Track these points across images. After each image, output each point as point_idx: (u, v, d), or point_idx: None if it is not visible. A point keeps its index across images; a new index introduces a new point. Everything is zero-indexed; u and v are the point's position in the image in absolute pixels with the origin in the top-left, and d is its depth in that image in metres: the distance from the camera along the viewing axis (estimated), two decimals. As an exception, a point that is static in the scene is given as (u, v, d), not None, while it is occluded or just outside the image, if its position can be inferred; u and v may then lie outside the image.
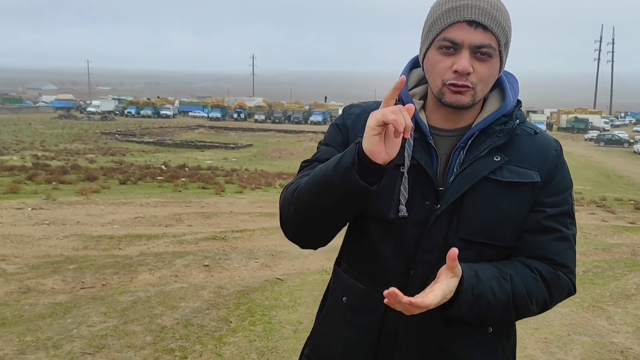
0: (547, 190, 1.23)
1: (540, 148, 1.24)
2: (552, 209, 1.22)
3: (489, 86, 1.21)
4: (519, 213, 1.21)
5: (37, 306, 4.69)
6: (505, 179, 1.19)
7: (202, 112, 76.58)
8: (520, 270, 1.20)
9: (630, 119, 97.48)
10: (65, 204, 10.76)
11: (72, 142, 37.20)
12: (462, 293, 1.11)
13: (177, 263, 6.33)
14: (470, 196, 1.19)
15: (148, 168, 20.59)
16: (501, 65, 1.21)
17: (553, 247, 1.22)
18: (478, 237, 1.20)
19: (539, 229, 1.22)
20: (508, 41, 1.19)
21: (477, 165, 1.19)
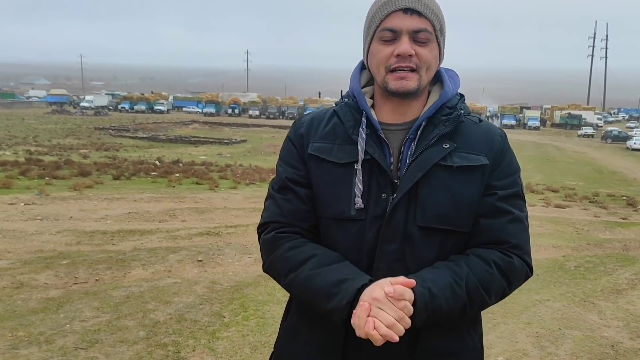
0: (496, 174, 1.28)
1: (486, 135, 1.31)
2: (503, 191, 1.27)
3: (432, 71, 1.28)
4: (472, 197, 1.26)
5: (29, 301, 4.68)
6: (455, 164, 1.24)
7: (196, 107, 76.29)
8: (476, 266, 1.23)
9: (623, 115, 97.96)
10: (58, 199, 10.72)
11: (65, 137, 36.98)
12: (416, 314, 1.14)
13: (170, 258, 6.32)
14: (424, 184, 1.23)
15: (142, 163, 20.52)
16: (440, 52, 1.28)
17: (507, 229, 1.26)
18: (435, 224, 1.23)
19: (492, 212, 1.26)
20: (442, 28, 1.27)
21: (427, 154, 1.24)
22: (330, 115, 1.36)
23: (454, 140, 1.27)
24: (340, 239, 1.29)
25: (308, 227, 1.33)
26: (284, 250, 1.29)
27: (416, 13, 1.21)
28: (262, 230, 1.38)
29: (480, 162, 1.26)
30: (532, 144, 45.31)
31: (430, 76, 1.28)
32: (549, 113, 76.20)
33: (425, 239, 1.24)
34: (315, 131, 1.35)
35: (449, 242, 1.26)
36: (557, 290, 5.67)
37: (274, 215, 1.35)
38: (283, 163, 1.39)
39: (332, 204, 1.28)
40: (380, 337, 1.10)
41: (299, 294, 1.29)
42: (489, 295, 1.23)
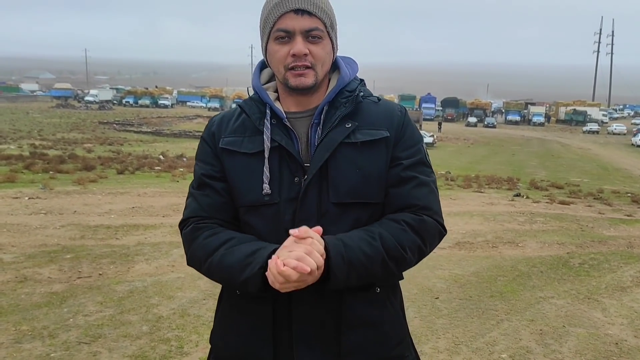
0: (400, 146, 1.37)
1: (385, 112, 1.40)
2: (407, 160, 1.36)
3: (327, 65, 1.36)
4: (379, 169, 1.33)
5: (33, 295, 4.69)
6: (359, 140, 1.32)
7: (200, 102, 76.49)
8: (387, 226, 1.30)
9: (628, 112, 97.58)
10: (63, 193, 10.74)
11: (69, 131, 37.07)
12: (332, 263, 1.20)
13: (174, 253, 6.33)
14: (332, 163, 1.30)
15: (146, 158, 20.54)
16: (333, 46, 1.37)
17: (414, 193, 1.34)
18: (347, 199, 1.31)
19: (399, 181, 1.34)
20: (333, 23, 1.35)
21: (332, 134, 1.32)
22: (239, 112, 1.44)
23: (355, 119, 1.35)
24: (259, 224, 1.35)
25: (227, 218, 1.39)
26: (202, 238, 1.35)
27: (307, 13, 1.28)
28: (182, 226, 1.43)
29: (382, 135, 1.34)
30: (537, 140, 45.16)
31: (326, 69, 1.36)
32: (554, 109, 75.90)
33: (341, 214, 1.31)
34: (226, 127, 1.43)
35: (364, 215, 1.33)
36: (561, 288, 5.65)
37: (194, 211, 1.41)
38: (199, 162, 1.46)
39: (247, 193, 1.35)
40: (290, 272, 1.13)
41: (217, 276, 1.33)
42: (404, 250, 1.28)
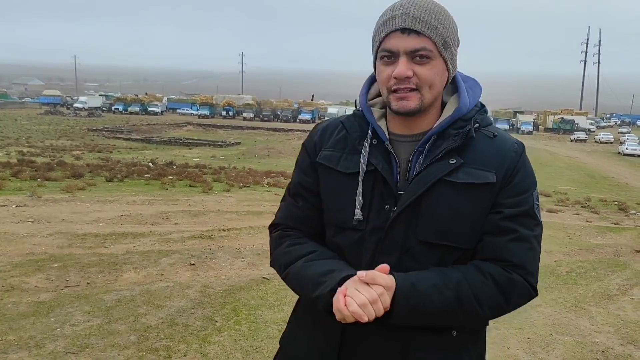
0: (505, 192, 1.24)
1: (498, 150, 1.26)
2: (510, 209, 1.23)
3: (438, 87, 1.25)
4: (477, 214, 1.23)
5: (20, 305, 4.64)
6: (460, 181, 1.22)
7: (190, 109, 76.22)
8: (470, 275, 1.21)
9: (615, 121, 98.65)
10: (51, 201, 10.66)
11: (58, 138, 36.80)
12: (396, 305, 1.17)
13: (163, 262, 6.30)
14: (427, 199, 1.22)
15: (135, 165, 20.44)
16: (447, 66, 1.25)
17: (509, 247, 1.22)
18: (435, 239, 1.22)
19: (496, 230, 1.23)
20: (447, 42, 1.23)
21: (432, 168, 1.23)
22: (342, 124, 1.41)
23: (462, 155, 1.24)
24: (343, 246, 1.32)
25: (315, 230, 1.40)
26: (285, 246, 1.37)
27: (414, 32, 1.20)
28: (272, 229, 1.48)
29: (487, 180, 1.22)
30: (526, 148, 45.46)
31: (436, 92, 1.25)
32: (542, 118, 76.62)
33: (425, 253, 1.23)
34: (328, 139, 1.39)
35: (450, 258, 1.24)
36: (548, 296, 5.69)
37: (284, 218, 1.44)
38: (297, 169, 1.46)
39: (336, 213, 1.32)
40: (349, 314, 1.13)
41: (293, 285, 1.35)
42: (480, 304, 1.20)
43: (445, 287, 1.18)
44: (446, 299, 1.18)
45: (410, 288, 1.17)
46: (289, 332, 1.50)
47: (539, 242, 1.27)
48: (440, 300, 1.17)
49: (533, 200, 1.26)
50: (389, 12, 1.24)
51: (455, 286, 1.18)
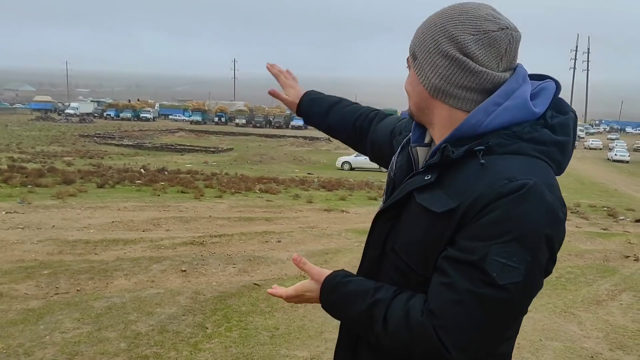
0: (464, 231, 1.04)
1: (476, 181, 1.05)
2: (456, 251, 1.04)
3: (413, 98, 1.22)
4: (429, 242, 1.10)
5: (9, 312, 4.61)
6: (419, 201, 1.12)
7: (182, 115, 76.12)
8: (398, 299, 1.12)
9: (604, 127, 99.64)
10: (41, 207, 10.59)
11: (49, 144, 36.59)
12: (320, 296, 1.24)
13: (153, 268, 6.28)
14: (406, 209, 1.17)
15: (127, 171, 20.36)
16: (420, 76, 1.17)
17: (433, 290, 1.07)
18: (400, 252, 1.17)
19: (437, 267, 1.08)
20: (415, 52, 1.18)
21: (413, 179, 1.18)
22: None
23: (443, 174, 1.11)
24: None
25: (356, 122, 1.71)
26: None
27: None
28: None
29: (435, 209, 1.08)
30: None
31: (415, 102, 1.22)
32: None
33: (396, 263, 1.18)
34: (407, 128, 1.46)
35: (413, 279, 1.15)
36: (538, 301, 5.73)
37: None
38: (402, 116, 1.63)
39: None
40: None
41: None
42: (385, 329, 1.10)
43: (362, 299, 1.15)
44: (358, 309, 1.15)
45: (334, 285, 1.22)
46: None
47: (483, 306, 1.01)
48: (353, 307, 1.17)
49: (488, 254, 1.00)
50: None
51: (372, 302, 1.13)
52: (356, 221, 11.20)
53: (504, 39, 1.09)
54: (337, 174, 26.68)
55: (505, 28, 1.09)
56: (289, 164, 32.90)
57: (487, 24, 1.09)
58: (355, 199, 16.24)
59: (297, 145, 47.55)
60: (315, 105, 1.74)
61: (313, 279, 1.27)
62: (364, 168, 30.44)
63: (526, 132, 1.10)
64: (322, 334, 4.44)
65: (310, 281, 1.28)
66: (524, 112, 1.10)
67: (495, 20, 1.09)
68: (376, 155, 1.65)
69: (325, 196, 16.39)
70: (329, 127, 1.74)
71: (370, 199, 16.20)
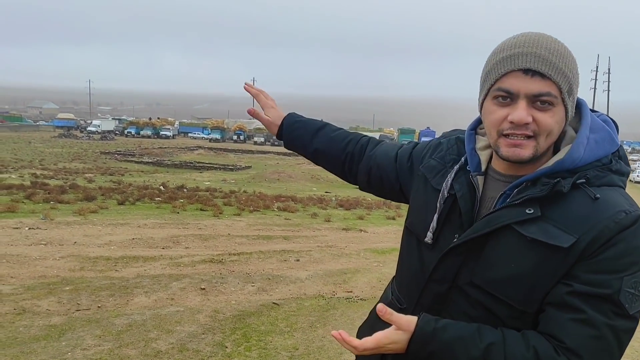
0: (585, 264, 1.04)
1: (591, 215, 1.05)
2: (583, 286, 1.03)
3: (554, 137, 1.12)
4: (540, 277, 1.07)
5: (31, 328, 4.66)
6: (528, 234, 1.07)
7: (201, 133, 76.99)
8: (512, 342, 1.07)
9: (626, 148, 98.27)
10: (63, 224, 10.74)
11: (71, 161, 37.23)
12: (411, 346, 1.12)
13: (173, 286, 6.30)
14: (492, 242, 1.12)
15: (146, 188, 20.58)
16: (567, 113, 1.12)
17: (567, 326, 1.03)
18: (487, 286, 1.12)
19: (559, 303, 1.05)
20: (572, 88, 1.11)
21: (504, 212, 1.12)
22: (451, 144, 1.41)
23: (546, 208, 1.08)
24: (411, 257, 1.32)
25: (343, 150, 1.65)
26: None
27: (539, 75, 1.07)
28: None
29: (558, 243, 1.04)
30: None
31: (551, 141, 1.13)
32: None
33: (476, 297, 1.14)
34: (435, 151, 1.40)
35: (501, 313, 1.11)
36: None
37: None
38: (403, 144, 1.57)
39: (417, 224, 1.32)
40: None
41: None
42: None
43: (472, 345, 1.07)
44: (468, 356, 1.07)
45: (430, 332, 1.10)
46: None
47: (618, 338, 1.03)
48: (462, 355, 1.07)
49: (621, 286, 1.02)
50: (510, 48, 1.11)
51: (485, 347, 1.06)
52: (374, 241, 11.13)
53: None
54: (355, 193, 26.62)
55: None
56: (306, 182, 32.96)
57: None
58: (374, 218, 16.17)
59: (314, 165, 47.62)
60: (300, 129, 1.66)
61: (401, 329, 1.12)
62: (382, 187, 30.34)
63: (613, 164, 1.13)
64: (342, 355, 4.40)
65: (395, 331, 1.13)
66: (611, 144, 1.15)
67: None
68: (372, 182, 1.58)
69: (344, 215, 16.36)
70: (315, 151, 1.66)
71: (389, 218, 16.11)
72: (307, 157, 1.71)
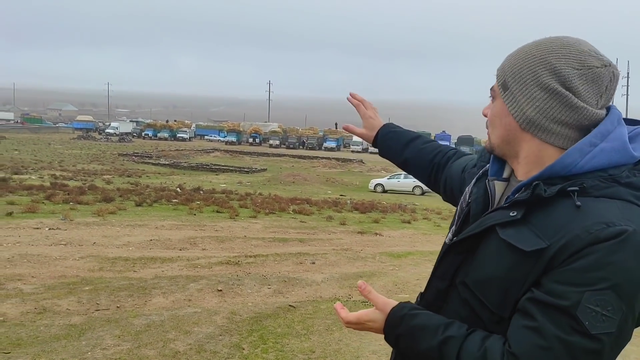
0: (552, 273, 1.01)
1: (568, 223, 1.02)
2: (543, 295, 1.00)
3: (498, 130, 1.18)
4: (511, 281, 1.06)
5: (52, 327, 4.73)
6: (504, 237, 1.08)
7: (218, 135, 77.51)
8: (471, 339, 1.08)
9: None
10: (82, 224, 10.90)
11: (89, 162, 37.73)
12: (385, 327, 1.20)
13: (190, 287, 6.35)
14: (483, 243, 1.14)
15: (163, 190, 20.77)
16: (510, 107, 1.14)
17: (518, 333, 1.02)
18: (473, 287, 1.13)
19: (519, 309, 1.04)
20: (506, 82, 1.15)
21: (495, 214, 1.14)
22: None
23: (531, 212, 1.08)
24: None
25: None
26: None
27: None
28: None
29: (523, 247, 1.04)
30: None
31: (499, 135, 1.18)
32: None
33: (467, 297, 1.15)
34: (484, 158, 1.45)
35: (486, 316, 1.12)
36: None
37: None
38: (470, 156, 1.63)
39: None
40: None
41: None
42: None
43: (433, 334, 1.11)
44: (427, 345, 1.11)
45: (400, 317, 1.18)
46: None
47: (570, 354, 0.97)
48: (421, 343, 1.12)
49: (581, 300, 0.96)
50: None
51: (443, 339, 1.09)
52: (390, 244, 11.11)
53: (607, 75, 1.08)
54: (370, 196, 26.59)
55: (608, 65, 1.08)
56: (321, 185, 32.98)
57: (590, 60, 1.07)
58: (389, 221, 16.13)
59: (330, 167, 47.70)
60: (393, 139, 1.75)
61: (378, 308, 1.22)
62: (397, 191, 30.27)
63: (624, 176, 1.06)
64: (359, 358, 4.40)
65: (375, 310, 1.23)
66: (623, 156, 1.08)
67: (598, 57, 1.08)
68: (447, 192, 1.63)
69: (359, 218, 16.34)
70: (405, 161, 1.74)
71: (404, 222, 16.06)
72: (398, 165, 1.79)
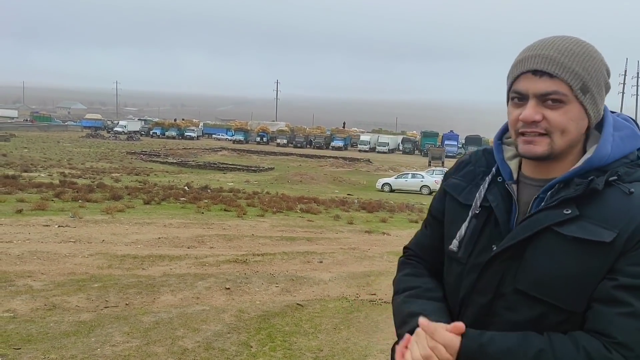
0: (629, 258, 1.07)
1: (629, 209, 1.08)
2: (628, 278, 1.06)
3: (571, 134, 1.15)
4: (585, 275, 1.09)
5: (62, 324, 4.77)
6: (568, 234, 1.10)
7: (225, 134, 77.76)
8: (560, 346, 1.07)
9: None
10: (91, 222, 10.96)
11: (98, 160, 37.97)
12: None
13: (198, 285, 6.38)
14: (532, 246, 1.14)
15: (171, 188, 20.87)
16: (587, 111, 1.15)
17: (616, 322, 1.05)
18: (533, 291, 1.13)
19: (605, 299, 1.07)
20: (587, 85, 1.13)
21: (542, 215, 1.14)
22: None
23: (582, 207, 1.11)
24: (449, 276, 1.32)
25: (434, 262, 1.40)
26: (403, 273, 1.42)
27: (547, 75, 1.12)
28: (403, 251, 1.52)
29: (601, 238, 1.07)
30: None
31: (570, 139, 1.16)
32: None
33: (522, 304, 1.15)
34: (461, 169, 1.38)
35: (552, 318, 1.12)
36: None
37: (413, 244, 1.48)
38: (434, 197, 1.47)
39: (447, 241, 1.32)
40: None
41: (393, 314, 1.37)
42: None
43: (522, 354, 1.07)
44: None
45: (477, 349, 1.09)
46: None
47: None
48: None
49: None
50: (524, 52, 1.19)
51: (535, 355, 1.06)
52: (397, 244, 11.09)
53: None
54: (377, 196, 26.57)
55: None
56: (328, 184, 32.99)
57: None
58: (396, 221, 16.11)
59: (337, 166, 47.71)
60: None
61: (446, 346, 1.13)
62: (405, 190, 30.22)
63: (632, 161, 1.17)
64: (367, 357, 4.40)
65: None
66: (637, 140, 1.20)
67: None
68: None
69: (366, 218, 16.34)
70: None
71: (411, 221, 16.03)
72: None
